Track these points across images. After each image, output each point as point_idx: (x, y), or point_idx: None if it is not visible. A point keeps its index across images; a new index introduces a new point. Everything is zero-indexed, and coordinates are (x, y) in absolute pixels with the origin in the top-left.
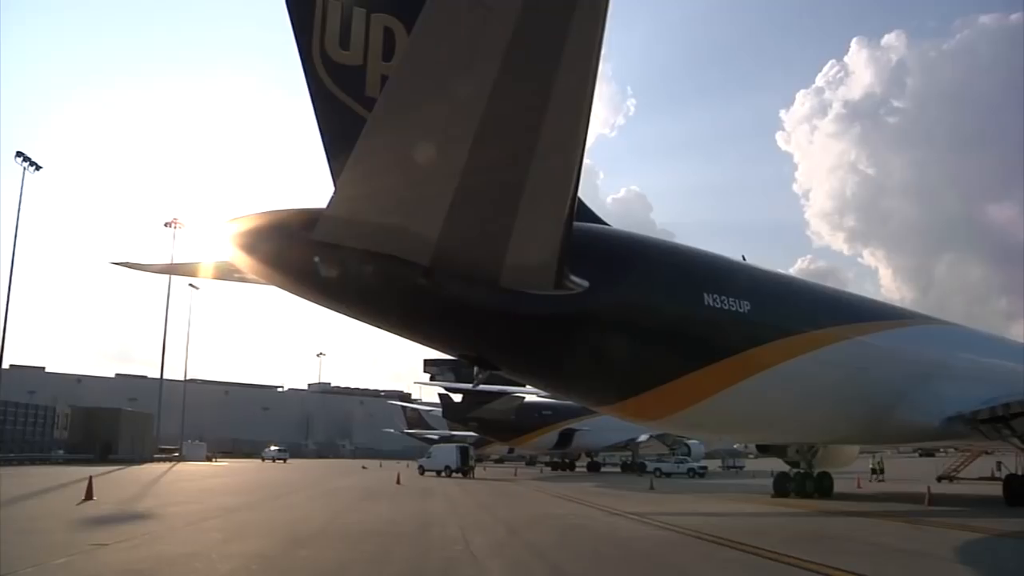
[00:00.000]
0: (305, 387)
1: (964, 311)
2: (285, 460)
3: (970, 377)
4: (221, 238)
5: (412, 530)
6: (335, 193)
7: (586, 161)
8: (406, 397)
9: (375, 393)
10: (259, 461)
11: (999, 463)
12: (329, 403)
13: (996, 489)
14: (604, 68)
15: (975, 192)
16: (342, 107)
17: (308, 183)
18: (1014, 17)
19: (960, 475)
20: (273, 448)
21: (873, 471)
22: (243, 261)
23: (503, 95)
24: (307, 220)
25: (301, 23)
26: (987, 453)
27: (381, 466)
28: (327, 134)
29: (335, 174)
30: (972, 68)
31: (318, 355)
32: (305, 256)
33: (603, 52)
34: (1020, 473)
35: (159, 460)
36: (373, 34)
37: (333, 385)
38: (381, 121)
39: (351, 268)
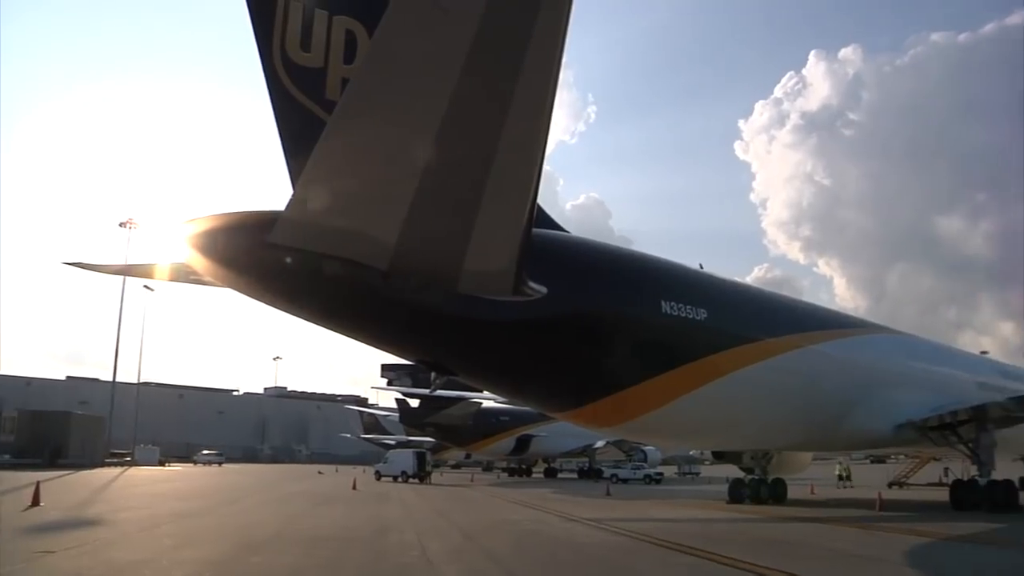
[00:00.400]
0: (261, 391)
1: (915, 321)
2: (220, 464)
3: (920, 385)
4: (177, 239)
5: (368, 535)
6: (293, 196)
7: (546, 167)
8: (363, 402)
9: (332, 398)
10: (216, 466)
11: (946, 469)
12: (285, 407)
13: (944, 494)
14: (565, 75)
15: (927, 204)
16: (302, 109)
17: (266, 185)
18: (962, 37)
19: (910, 481)
20: (206, 452)
21: (840, 477)
22: (199, 263)
23: (464, 100)
24: (264, 222)
25: (262, 24)
26: (936, 459)
27: (337, 471)
28: (286, 136)
29: (293, 176)
30: (924, 84)
31: (274, 359)
32: (262, 259)
33: (564, 59)
34: (966, 479)
35: (110, 465)
36: (335, 36)
37: (289, 389)
38: (341, 124)
39: (308, 271)
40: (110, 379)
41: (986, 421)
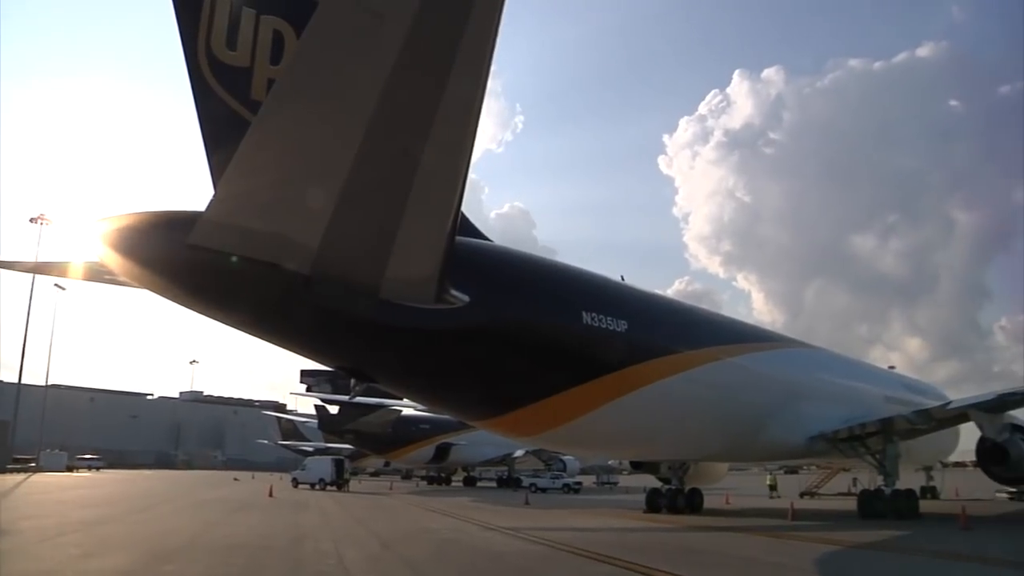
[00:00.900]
0: (176, 395)
1: (830, 336)
2: (99, 469)
3: (832, 399)
4: (92, 237)
5: (284, 544)
6: (214, 196)
7: (471, 176)
8: (282, 408)
9: (249, 403)
10: (128, 471)
11: (855, 479)
12: (201, 412)
13: (852, 504)
14: (494, 84)
15: (842, 223)
16: (226, 108)
17: (186, 185)
18: (877, 65)
19: (821, 491)
20: (87, 456)
21: (771, 487)
22: (115, 262)
23: (390, 106)
24: (183, 222)
25: (187, 19)
26: (845, 470)
27: (254, 478)
28: (209, 136)
29: (215, 177)
30: (841, 106)
31: (191, 362)
32: (180, 260)
33: (493, 68)
34: (873, 489)
35: (13, 471)
36: (262, 36)
37: (206, 394)
38: (265, 125)
39: (227, 274)
40: (15, 381)
41: (892, 433)
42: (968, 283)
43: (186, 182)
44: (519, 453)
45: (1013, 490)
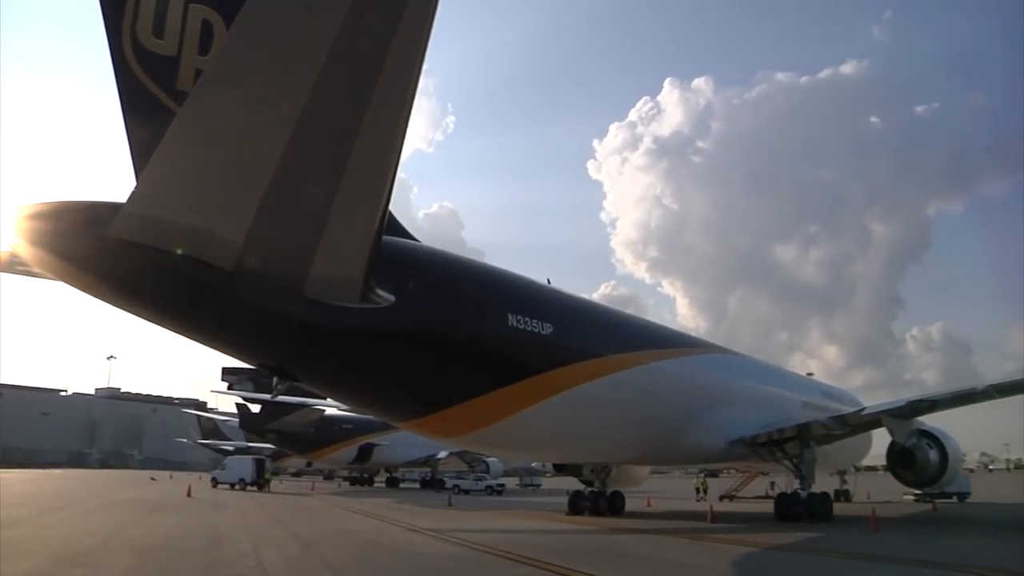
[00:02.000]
0: (92, 391)
1: (752, 342)
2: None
3: (752, 404)
4: (4, 226)
5: (201, 545)
6: (136, 188)
7: (400, 175)
8: (202, 406)
9: (169, 400)
10: (38, 471)
11: (772, 483)
12: (117, 410)
13: (770, 507)
14: (426, 83)
15: (766, 233)
16: (151, 98)
17: (108, 175)
18: (803, 80)
19: (740, 494)
20: None
21: (697, 490)
22: (29, 253)
23: (320, 101)
24: (103, 214)
25: (112, 5)
26: (764, 474)
27: (172, 478)
28: (132, 126)
29: (138, 168)
30: (768, 119)
31: (108, 358)
32: (99, 252)
33: (425, 67)
34: (789, 492)
35: None
36: (190, 25)
37: (123, 390)
38: (191, 117)
39: (148, 268)
40: None
41: (809, 438)
42: (883, 294)
43: (108, 172)
44: (443, 454)
45: (919, 492)
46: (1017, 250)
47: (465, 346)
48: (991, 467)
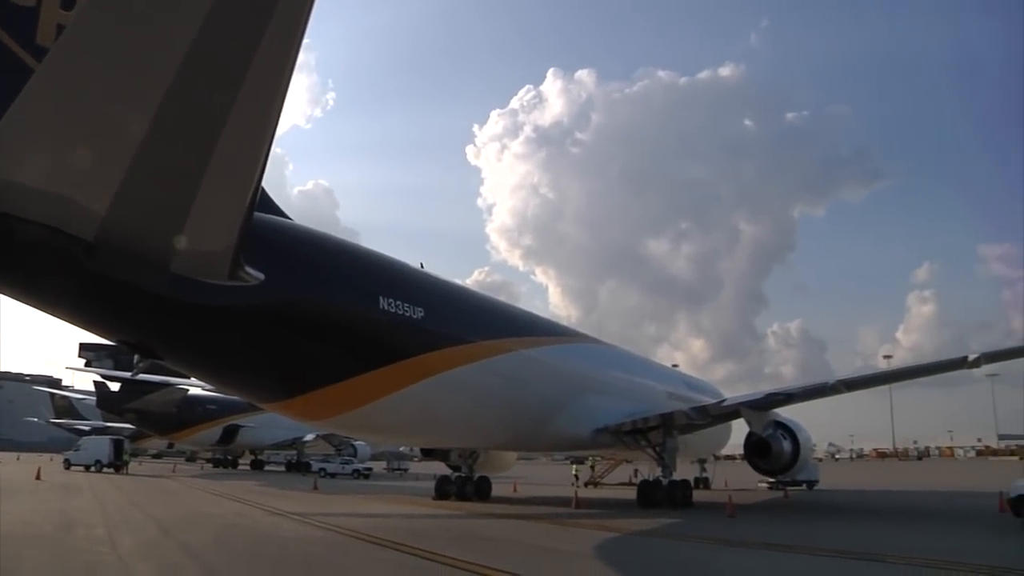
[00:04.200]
0: None
1: (621, 333)
2: None
3: (618, 393)
4: None
5: (51, 532)
6: None
7: (275, 149)
8: (56, 383)
9: (19, 377)
10: None
11: (636, 470)
12: None
13: (633, 493)
14: (306, 56)
15: (638, 227)
16: (6, 52)
17: None
18: (683, 80)
19: (604, 480)
20: None
21: (577, 477)
22: None
23: (193, 67)
24: None
25: None
26: (628, 461)
27: (19, 459)
28: None
29: None
30: (646, 114)
31: None
32: None
33: (307, 40)
34: (652, 479)
35: None
36: None
37: None
38: (50, 76)
39: (0, 236)
40: None
41: (672, 428)
42: (748, 291)
43: None
44: (309, 437)
45: (772, 480)
46: (870, 256)
47: (334, 328)
48: (837, 456)
